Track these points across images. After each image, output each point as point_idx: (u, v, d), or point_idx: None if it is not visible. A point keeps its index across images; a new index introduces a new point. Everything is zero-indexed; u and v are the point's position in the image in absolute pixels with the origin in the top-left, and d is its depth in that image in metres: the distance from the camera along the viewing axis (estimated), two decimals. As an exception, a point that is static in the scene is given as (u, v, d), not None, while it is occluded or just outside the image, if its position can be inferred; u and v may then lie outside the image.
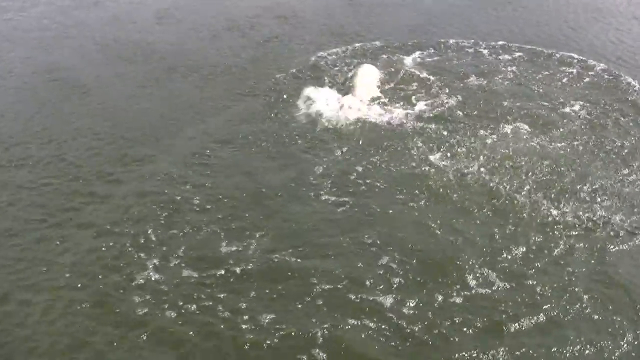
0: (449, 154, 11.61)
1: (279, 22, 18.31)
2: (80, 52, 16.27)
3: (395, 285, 8.74)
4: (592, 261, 9.28)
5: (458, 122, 12.78)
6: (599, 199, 10.52)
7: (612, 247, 9.53)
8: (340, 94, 13.54)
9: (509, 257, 9.31)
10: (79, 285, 8.75)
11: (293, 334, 8.01)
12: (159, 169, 11.24)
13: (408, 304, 8.43)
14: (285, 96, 13.70)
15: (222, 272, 8.95)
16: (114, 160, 11.54)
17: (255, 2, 19.98)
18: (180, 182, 10.87)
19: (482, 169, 11.23)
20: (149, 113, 13.22)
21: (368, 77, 14.29)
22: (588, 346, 7.91)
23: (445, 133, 12.33)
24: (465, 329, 8.10)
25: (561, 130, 12.61)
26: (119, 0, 19.78)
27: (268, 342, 7.88)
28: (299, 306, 8.39)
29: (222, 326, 8.10)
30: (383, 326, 8.11)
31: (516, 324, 8.18)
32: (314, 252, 9.32)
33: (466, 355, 7.74)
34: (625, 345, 7.96)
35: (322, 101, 13.26)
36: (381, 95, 13.82)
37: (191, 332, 8.02)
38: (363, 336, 8.00)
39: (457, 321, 8.20)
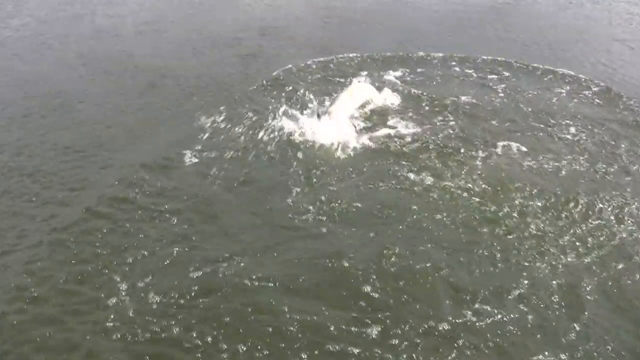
0: (433, 176, 11.28)
1: (260, 36, 18.09)
2: (59, 64, 15.90)
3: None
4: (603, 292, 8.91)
5: (446, 143, 12.44)
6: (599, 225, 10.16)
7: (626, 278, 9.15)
8: (318, 113, 13.14)
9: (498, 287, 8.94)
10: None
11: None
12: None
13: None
14: (262, 114, 13.26)
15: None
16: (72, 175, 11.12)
17: (237, 15, 19.80)
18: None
19: (471, 192, 10.92)
20: (120, 126, 12.83)
21: (354, 96, 13.85)
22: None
23: (432, 155, 11.98)
24: None
25: (555, 150, 12.37)
26: (100, 13, 19.50)
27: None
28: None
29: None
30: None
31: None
32: (286, 283, 8.85)
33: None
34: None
35: (299, 120, 12.83)
36: (362, 113, 13.54)
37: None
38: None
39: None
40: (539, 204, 10.65)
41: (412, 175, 11.32)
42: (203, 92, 14.38)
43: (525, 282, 8.96)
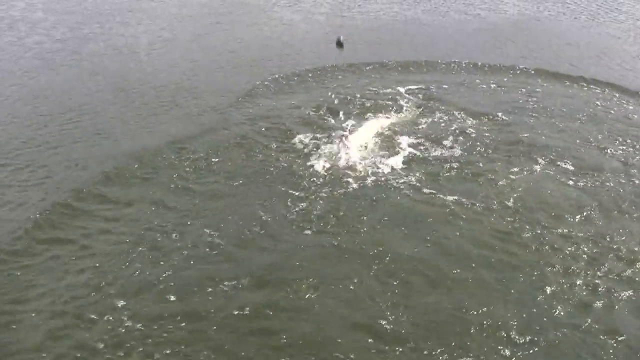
0: (457, 194, 10.85)
1: (277, 57, 17.82)
2: (70, 80, 15.77)
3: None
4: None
5: (469, 159, 12.02)
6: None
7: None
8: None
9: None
10: None
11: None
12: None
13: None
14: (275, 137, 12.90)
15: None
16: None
17: (254, 34, 19.60)
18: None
19: (493, 209, 10.49)
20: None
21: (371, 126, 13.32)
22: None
23: (453, 173, 11.57)
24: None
25: (588, 169, 11.89)
26: (115, 33, 19.36)
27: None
28: None
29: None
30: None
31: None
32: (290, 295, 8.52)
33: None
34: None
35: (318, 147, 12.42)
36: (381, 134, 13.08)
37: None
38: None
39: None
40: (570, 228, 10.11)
41: (443, 195, 10.83)
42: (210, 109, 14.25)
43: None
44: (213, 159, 11.82)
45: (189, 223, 9.99)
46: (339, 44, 12.25)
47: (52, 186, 10.96)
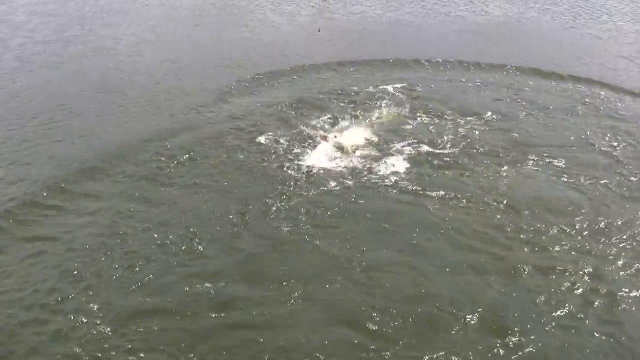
0: (444, 192, 10.84)
1: (260, 57, 17.80)
2: (52, 81, 15.65)
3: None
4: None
5: (457, 158, 11.99)
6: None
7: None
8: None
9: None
10: None
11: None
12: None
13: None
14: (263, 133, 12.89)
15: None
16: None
17: (230, 35, 19.57)
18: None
19: (481, 207, 10.47)
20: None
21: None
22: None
23: (439, 171, 11.57)
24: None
25: (579, 165, 11.92)
26: (97, 35, 19.21)
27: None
28: None
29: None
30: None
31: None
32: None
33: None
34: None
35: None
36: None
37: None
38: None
39: None
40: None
41: (429, 193, 10.81)
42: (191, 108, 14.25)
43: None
44: (192, 158, 11.80)
45: (168, 220, 9.95)
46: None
47: (28, 183, 10.89)
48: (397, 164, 11.66)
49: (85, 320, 7.92)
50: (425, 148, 12.29)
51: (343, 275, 8.78)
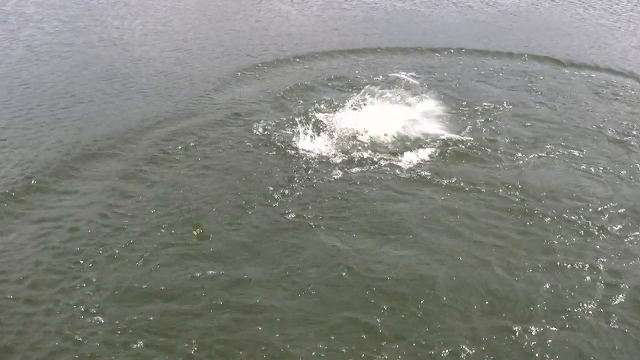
0: (457, 181, 10.63)
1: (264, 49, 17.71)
2: (61, 70, 15.62)
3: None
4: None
5: (472, 145, 11.79)
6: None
7: None
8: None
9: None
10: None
11: None
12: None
13: None
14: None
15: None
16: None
17: (239, 25, 19.52)
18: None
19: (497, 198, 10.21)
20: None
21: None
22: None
23: (452, 159, 11.35)
24: None
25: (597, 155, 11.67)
26: (108, 25, 19.26)
27: None
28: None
29: None
30: None
31: None
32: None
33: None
34: None
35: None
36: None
37: None
38: None
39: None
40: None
41: (442, 181, 10.61)
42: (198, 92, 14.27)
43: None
44: (195, 143, 11.75)
45: (170, 202, 9.90)
46: None
47: (32, 165, 10.88)
48: (409, 151, 11.51)
49: (82, 303, 7.82)
50: (439, 135, 12.12)
51: (344, 265, 8.57)
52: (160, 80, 15.06)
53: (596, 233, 9.40)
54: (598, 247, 9.10)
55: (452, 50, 16.93)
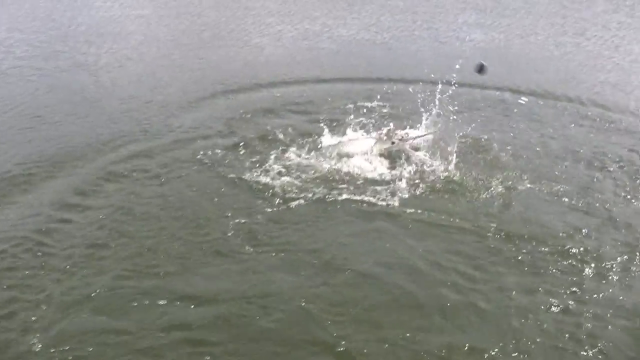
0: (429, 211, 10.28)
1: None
2: (28, 93, 15.44)
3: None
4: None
5: (446, 176, 11.43)
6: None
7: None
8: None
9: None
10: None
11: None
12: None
13: None
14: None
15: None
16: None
17: (210, 55, 19.53)
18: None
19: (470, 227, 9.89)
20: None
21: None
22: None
23: (427, 189, 10.97)
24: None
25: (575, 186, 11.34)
26: (79, 51, 19.17)
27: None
28: None
29: None
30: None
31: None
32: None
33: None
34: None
35: None
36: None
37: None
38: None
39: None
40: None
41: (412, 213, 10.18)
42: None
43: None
44: (160, 170, 11.40)
45: (128, 233, 9.49)
46: (481, 69, 11.26)
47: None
48: (376, 180, 11.24)
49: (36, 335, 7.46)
50: (410, 166, 11.80)
51: (315, 291, 8.27)
52: (130, 104, 14.87)
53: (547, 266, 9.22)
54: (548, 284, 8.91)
55: (420, 83, 16.96)
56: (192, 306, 7.82)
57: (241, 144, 12.45)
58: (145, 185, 10.80)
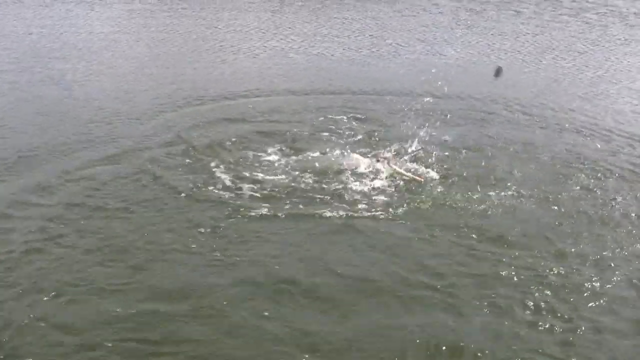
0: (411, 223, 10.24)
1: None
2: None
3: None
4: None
5: (426, 190, 11.37)
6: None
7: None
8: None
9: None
10: None
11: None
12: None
13: None
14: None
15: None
16: None
17: (185, 71, 19.59)
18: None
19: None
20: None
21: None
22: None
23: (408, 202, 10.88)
24: None
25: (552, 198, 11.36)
26: (52, 67, 19.09)
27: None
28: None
29: None
30: None
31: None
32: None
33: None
34: None
35: None
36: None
37: None
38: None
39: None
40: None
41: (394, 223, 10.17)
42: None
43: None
44: (125, 182, 11.32)
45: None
46: (498, 73, 11.16)
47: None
48: (356, 193, 11.17)
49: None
50: (384, 178, 11.74)
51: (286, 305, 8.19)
52: (102, 117, 14.84)
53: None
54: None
55: (390, 96, 17.12)
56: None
57: (192, 153, 12.52)
58: (90, 197, 10.73)
